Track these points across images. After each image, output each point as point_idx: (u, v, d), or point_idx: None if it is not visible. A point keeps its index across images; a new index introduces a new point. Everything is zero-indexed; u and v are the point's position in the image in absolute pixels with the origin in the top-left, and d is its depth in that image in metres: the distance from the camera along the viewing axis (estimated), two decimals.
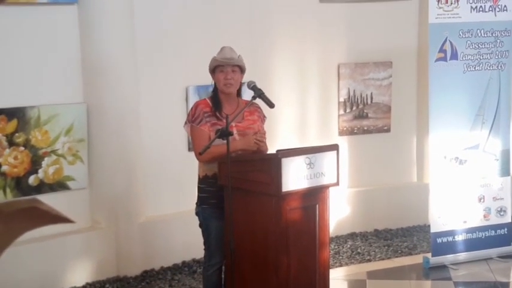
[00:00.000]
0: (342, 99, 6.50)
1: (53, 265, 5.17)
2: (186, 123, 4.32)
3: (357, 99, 6.55)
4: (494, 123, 5.82)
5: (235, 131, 4.18)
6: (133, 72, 5.45)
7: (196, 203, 4.36)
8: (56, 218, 0.96)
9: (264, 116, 4.44)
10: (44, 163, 5.16)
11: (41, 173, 5.15)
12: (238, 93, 4.31)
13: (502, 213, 5.95)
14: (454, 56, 5.66)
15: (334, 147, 4.20)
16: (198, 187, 4.34)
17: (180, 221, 5.63)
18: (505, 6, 5.73)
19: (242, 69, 4.24)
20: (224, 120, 3.99)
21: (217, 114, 4.20)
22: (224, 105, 4.24)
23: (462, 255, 5.80)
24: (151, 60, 5.59)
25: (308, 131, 6.38)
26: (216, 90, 4.27)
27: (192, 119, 4.22)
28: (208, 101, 4.27)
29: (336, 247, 6.16)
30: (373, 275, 5.59)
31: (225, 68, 4.17)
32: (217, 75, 4.21)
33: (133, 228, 5.51)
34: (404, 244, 6.26)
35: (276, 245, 4.00)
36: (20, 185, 5.06)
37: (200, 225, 4.36)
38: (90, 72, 5.30)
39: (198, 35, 5.74)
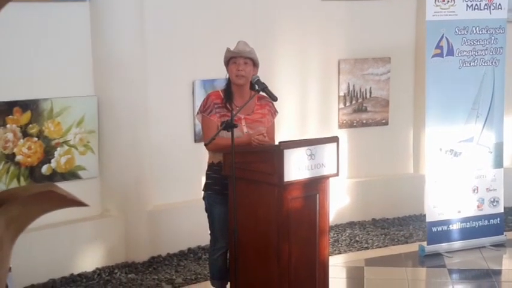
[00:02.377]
0: (342, 94, 6.50)
1: (64, 251, 5.20)
2: (198, 113, 4.35)
3: (357, 93, 6.55)
4: (488, 117, 5.82)
5: (244, 123, 4.20)
6: (142, 67, 5.46)
7: (203, 189, 4.40)
8: (71, 201, 0.97)
9: (276, 111, 4.45)
10: (56, 153, 5.17)
11: (53, 163, 5.17)
12: (252, 87, 4.27)
13: (494, 204, 5.96)
14: (450, 52, 5.66)
15: (334, 140, 4.21)
16: (206, 173, 4.38)
17: (186, 210, 5.65)
18: (499, 4, 5.72)
19: (255, 63, 4.24)
20: (234, 112, 4.02)
21: (228, 106, 4.21)
22: (236, 97, 4.26)
23: (456, 244, 5.81)
24: (159, 55, 5.59)
25: (309, 123, 6.39)
26: (229, 82, 4.28)
27: (203, 109, 4.26)
28: (221, 93, 4.30)
29: (335, 235, 6.17)
30: (370, 262, 5.60)
31: (237, 60, 4.18)
32: (230, 67, 4.23)
33: (141, 216, 5.53)
34: (400, 233, 6.27)
35: (278, 233, 4.02)
36: (33, 174, 5.08)
37: (206, 210, 4.40)
38: (101, 66, 5.31)
39: (204, 31, 5.75)
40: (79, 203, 0.98)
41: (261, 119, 4.31)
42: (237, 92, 4.26)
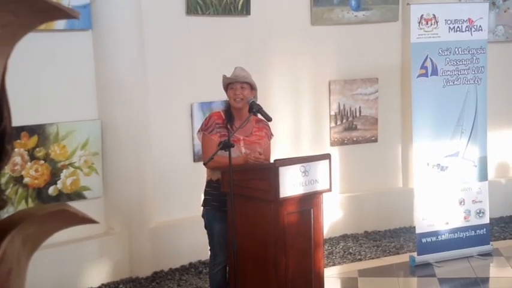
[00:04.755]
0: (333, 113, 6.54)
1: (71, 268, 5.20)
2: (199, 131, 4.37)
3: (347, 112, 6.59)
4: (472, 133, 5.86)
5: (242, 144, 4.23)
6: (143, 91, 5.49)
7: (202, 205, 4.41)
8: (83, 219, 1.00)
9: (272, 134, 4.49)
10: (62, 175, 5.19)
11: (59, 184, 5.18)
12: (251, 109, 4.21)
13: (480, 215, 5.98)
14: (435, 72, 5.71)
15: (327, 157, 4.24)
16: (204, 190, 4.39)
17: (187, 226, 5.65)
18: (480, 26, 5.79)
19: (252, 87, 4.27)
20: (231, 133, 4.05)
21: (228, 127, 4.25)
22: (236, 119, 4.29)
23: (445, 254, 5.81)
24: (159, 79, 5.63)
25: (302, 142, 6.42)
26: (229, 105, 4.33)
27: (205, 127, 4.29)
28: (222, 113, 4.33)
29: (330, 248, 6.17)
30: (364, 273, 5.61)
31: (234, 85, 4.23)
32: (228, 92, 4.28)
33: (144, 233, 5.53)
34: (392, 244, 6.28)
35: (275, 246, 4.03)
36: (40, 195, 5.09)
37: (205, 227, 4.40)
38: (104, 91, 5.35)
39: (200, 56, 5.80)
40: (90, 221, 1.00)
41: (258, 141, 4.34)
42: (236, 115, 4.30)
